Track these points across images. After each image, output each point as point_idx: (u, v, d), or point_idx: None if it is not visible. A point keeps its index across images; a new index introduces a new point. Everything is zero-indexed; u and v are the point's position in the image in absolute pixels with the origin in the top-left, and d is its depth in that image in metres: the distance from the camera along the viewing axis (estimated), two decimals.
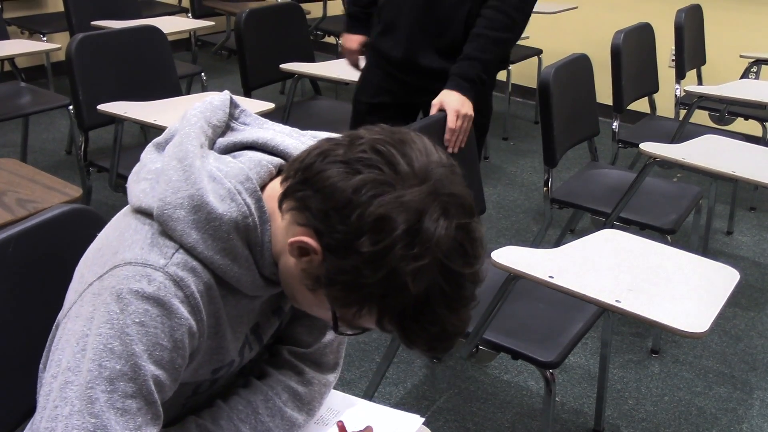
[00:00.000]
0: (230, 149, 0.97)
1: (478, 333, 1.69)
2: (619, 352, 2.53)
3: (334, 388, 1.22)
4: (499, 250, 1.50)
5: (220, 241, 0.88)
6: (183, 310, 0.86)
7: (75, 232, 1.10)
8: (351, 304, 0.84)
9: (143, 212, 0.91)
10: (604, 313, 1.92)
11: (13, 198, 1.84)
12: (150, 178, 0.91)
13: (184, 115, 0.96)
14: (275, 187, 0.92)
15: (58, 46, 3.28)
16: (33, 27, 4.53)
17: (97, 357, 0.83)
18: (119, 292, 0.84)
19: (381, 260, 0.79)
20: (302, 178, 0.85)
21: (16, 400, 1.03)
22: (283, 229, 0.89)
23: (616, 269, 1.48)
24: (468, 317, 0.87)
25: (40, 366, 0.96)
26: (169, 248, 0.87)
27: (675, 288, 1.42)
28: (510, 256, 1.49)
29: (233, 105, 1.01)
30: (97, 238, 0.95)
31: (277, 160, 0.96)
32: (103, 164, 2.64)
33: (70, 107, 3.09)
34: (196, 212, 0.87)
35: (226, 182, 0.89)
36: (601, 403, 2.16)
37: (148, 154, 0.96)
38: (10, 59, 3.48)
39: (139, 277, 0.85)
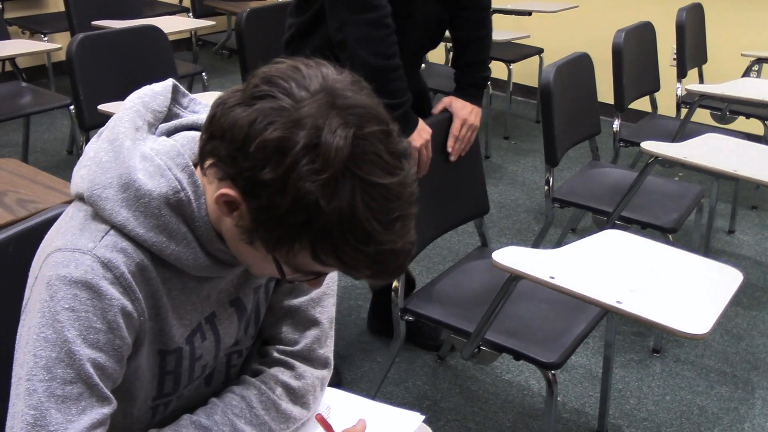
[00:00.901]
0: (172, 132, 0.97)
1: (479, 333, 1.68)
2: (620, 351, 2.52)
3: (336, 387, 1.22)
4: (500, 250, 1.50)
5: (152, 218, 0.88)
6: (113, 291, 0.86)
7: None
8: (282, 242, 0.82)
9: (80, 198, 0.91)
10: (608, 313, 1.91)
11: (14, 198, 1.84)
12: (88, 165, 0.91)
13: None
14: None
15: (59, 46, 3.28)
16: (34, 27, 4.54)
17: (32, 348, 0.84)
18: (49, 279, 0.85)
19: (286, 184, 0.77)
20: (210, 132, 0.84)
21: None
22: (212, 193, 0.88)
23: (618, 270, 1.48)
24: (407, 233, 0.83)
25: None
26: (99, 231, 0.88)
27: (677, 289, 1.42)
28: (511, 257, 1.49)
29: (181, 93, 1.01)
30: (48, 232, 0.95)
31: None
32: None
33: (71, 107, 3.09)
34: (125, 190, 0.87)
35: (156, 159, 0.89)
36: (604, 405, 2.15)
37: (91, 143, 0.95)
38: (11, 59, 3.48)
39: (67, 262, 0.85)
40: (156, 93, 0.97)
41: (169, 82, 1.00)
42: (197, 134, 0.94)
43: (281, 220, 0.80)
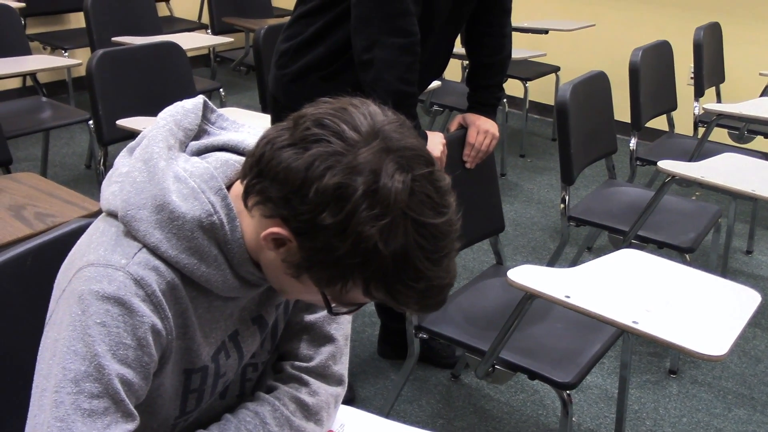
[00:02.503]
0: (202, 152, 0.98)
1: (494, 352, 1.67)
2: (636, 372, 2.50)
3: (349, 404, 1.21)
4: (515, 269, 1.49)
5: (184, 240, 0.88)
6: (144, 308, 0.86)
7: None
8: (335, 280, 0.84)
9: (112, 215, 0.92)
10: (624, 334, 1.90)
11: (32, 212, 1.86)
12: (120, 181, 0.92)
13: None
14: (241, 187, 0.92)
15: (79, 61, 3.31)
16: (55, 43, 4.59)
17: (61, 360, 0.84)
18: (81, 293, 0.85)
19: (346, 229, 0.79)
20: (257, 171, 0.85)
21: None
22: (255, 226, 0.89)
23: (634, 289, 1.47)
24: (453, 267, 0.86)
25: None
26: (132, 248, 0.88)
27: (694, 309, 1.41)
28: (526, 275, 1.48)
29: (210, 110, 1.02)
30: (75, 245, 0.96)
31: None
32: None
33: (90, 122, 3.12)
34: (159, 212, 0.88)
35: (190, 181, 0.90)
36: (620, 426, 2.13)
37: (121, 158, 0.96)
38: (32, 74, 3.52)
39: (100, 277, 0.86)
40: (187, 111, 0.98)
41: (200, 99, 1.01)
42: (230, 156, 0.96)
43: (337, 261, 0.82)
